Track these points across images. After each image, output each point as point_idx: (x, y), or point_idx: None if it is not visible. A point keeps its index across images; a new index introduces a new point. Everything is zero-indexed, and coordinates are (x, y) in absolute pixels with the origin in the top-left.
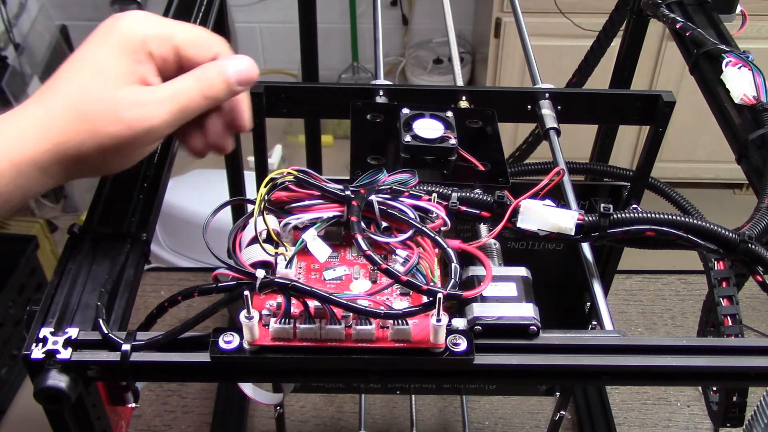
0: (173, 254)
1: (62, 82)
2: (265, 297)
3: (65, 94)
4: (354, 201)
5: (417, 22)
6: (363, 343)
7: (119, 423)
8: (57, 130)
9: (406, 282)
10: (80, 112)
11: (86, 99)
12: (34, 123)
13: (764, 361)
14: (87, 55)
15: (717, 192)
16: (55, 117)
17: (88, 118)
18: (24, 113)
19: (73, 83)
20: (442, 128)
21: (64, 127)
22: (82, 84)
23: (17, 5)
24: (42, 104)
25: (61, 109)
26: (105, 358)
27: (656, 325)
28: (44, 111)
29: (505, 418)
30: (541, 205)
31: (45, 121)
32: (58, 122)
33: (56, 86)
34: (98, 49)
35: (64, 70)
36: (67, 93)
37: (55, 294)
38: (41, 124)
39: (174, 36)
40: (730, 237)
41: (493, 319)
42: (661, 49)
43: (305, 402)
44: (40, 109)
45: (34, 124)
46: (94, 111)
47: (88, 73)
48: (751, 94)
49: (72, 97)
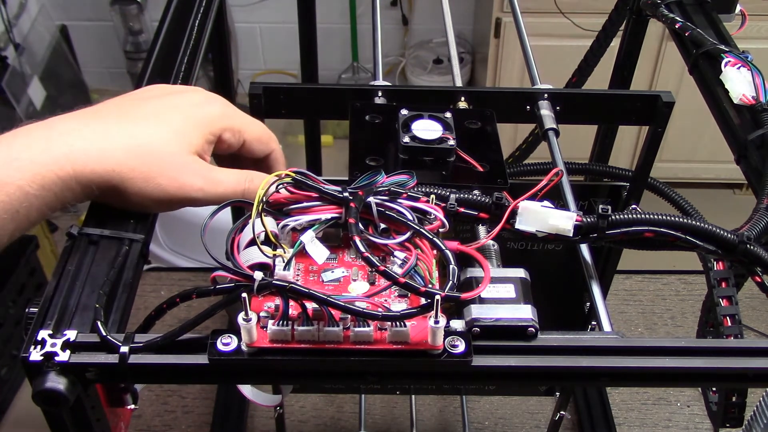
0: (173, 254)
1: (143, 123)
2: (263, 299)
3: (139, 137)
4: (352, 203)
5: (417, 22)
6: (361, 344)
7: (118, 424)
8: (113, 161)
9: (404, 284)
10: (146, 156)
11: (159, 150)
12: (93, 144)
13: (763, 362)
14: (171, 113)
15: (717, 192)
16: (117, 148)
17: (149, 164)
18: (81, 131)
19: (156, 132)
20: (440, 129)
21: (121, 161)
22: (162, 136)
23: (17, 5)
24: (106, 131)
25: (126, 144)
26: (103, 360)
27: (656, 325)
28: (104, 138)
29: (505, 418)
30: (540, 206)
31: (104, 151)
32: (118, 155)
33: (126, 120)
34: (184, 113)
35: (141, 105)
36: (141, 136)
37: (54, 296)
38: (100, 147)
39: (244, 132)
40: (728, 238)
41: (492, 321)
42: (661, 49)
43: (305, 402)
44: (100, 135)
45: (92, 145)
46: (161, 163)
47: (170, 129)
48: (750, 95)
49: (147, 143)
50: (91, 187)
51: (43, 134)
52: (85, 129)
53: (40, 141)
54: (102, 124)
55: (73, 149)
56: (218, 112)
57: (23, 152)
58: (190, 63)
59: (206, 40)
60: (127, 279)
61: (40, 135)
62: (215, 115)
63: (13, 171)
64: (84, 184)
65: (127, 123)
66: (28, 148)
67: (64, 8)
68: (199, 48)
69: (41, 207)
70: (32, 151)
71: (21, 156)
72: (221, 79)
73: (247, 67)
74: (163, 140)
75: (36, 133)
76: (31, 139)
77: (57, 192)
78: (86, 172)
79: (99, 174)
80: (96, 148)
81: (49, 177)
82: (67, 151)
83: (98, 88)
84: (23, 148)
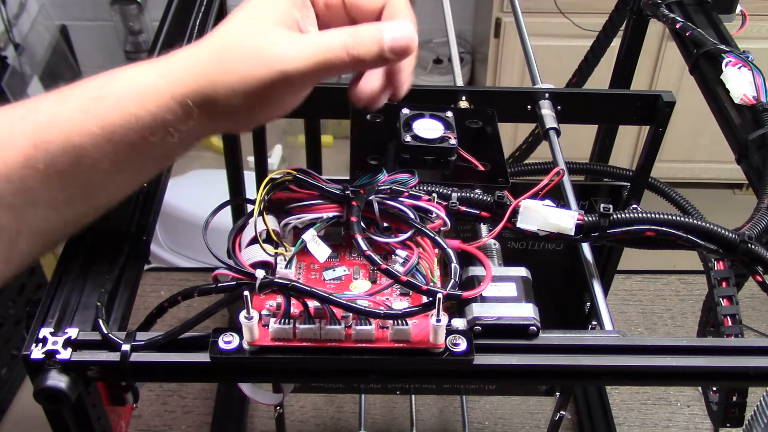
0: (173, 254)
1: (223, 22)
2: (265, 297)
3: (219, 32)
4: (354, 201)
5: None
6: (363, 343)
7: (119, 423)
8: (198, 68)
9: (405, 282)
10: (224, 48)
11: (233, 37)
12: (181, 59)
13: (764, 361)
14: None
15: (717, 192)
16: (202, 53)
17: (227, 55)
18: (180, 52)
19: (230, 22)
20: (442, 128)
21: (205, 65)
22: (236, 22)
23: (17, 5)
24: (196, 44)
25: (209, 46)
26: (105, 358)
27: (656, 325)
28: (195, 49)
29: (505, 418)
30: (541, 205)
31: (191, 57)
32: (201, 58)
33: (218, 26)
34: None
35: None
36: (220, 31)
37: (55, 294)
38: (186, 60)
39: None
40: (729, 237)
41: (493, 320)
42: (661, 49)
43: (305, 402)
44: (192, 48)
45: (180, 60)
46: (237, 49)
47: (246, 12)
48: (750, 95)
49: (223, 36)
50: (187, 103)
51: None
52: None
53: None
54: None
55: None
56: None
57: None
58: None
59: None
60: (128, 277)
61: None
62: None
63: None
64: (179, 100)
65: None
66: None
67: (64, 8)
68: None
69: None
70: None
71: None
72: None
73: None
74: (236, 26)
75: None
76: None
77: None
78: (177, 85)
79: (187, 84)
80: (184, 59)
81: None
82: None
83: None
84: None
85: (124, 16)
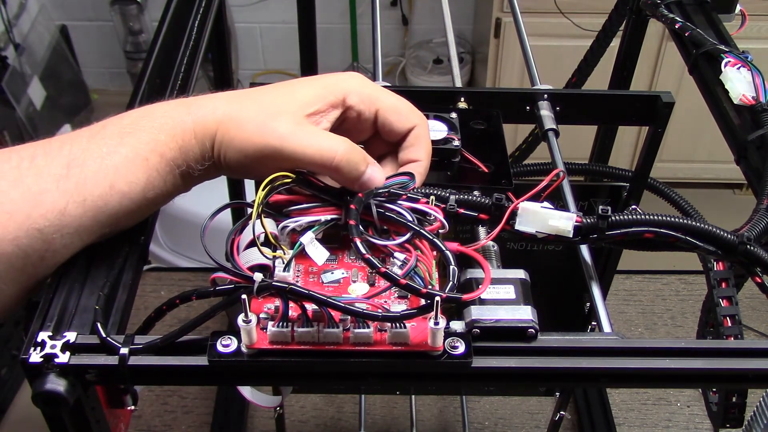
0: (173, 254)
1: (263, 88)
2: (263, 300)
3: (253, 94)
4: (352, 204)
5: (417, 22)
6: (361, 346)
7: (118, 425)
8: (220, 113)
9: (404, 285)
10: (247, 107)
11: (259, 104)
12: (217, 104)
13: (763, 362)
14: (294, 82)
15: (717, 192)
16: (227, 104)
17: (245, 113)
18: (215, 98)
19: (267, 92)
20: (446, 129)
21: (226, 113)
22: (268, 91)
23: (17, 5)
24: (238, 98)
25: (237, 104)
26: (103, 361)
27: (656, 325)
28: (229, 99)
29: (505, 418)
30: (539, 207)
31: (220, 107)
32: (226, 108)
33: (258, 89)
34: (307, 80)
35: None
36: (253, 95)
37: (53, 297)
38: (220, 106)
39: (376, 99)
40: (728, 239)
41: (492, 322)
42: (661, 49)
43: (305, 402)
44: (232, 99)
45: (215, 104)
46: (255, 112)
47: (280, 87)
48: (750, 95)
49: (252, 97)
50: (204, 143)
51: (182, 101)
52: (219, 97)
53: (179, 104)
54: (238, 95)
55: (200, 106)
56: (346, 76)
57: (159, 108)
58: (190, 63)
59: (206, 40)
60: (126, 280)
61: (180, 102)
62: (342, 77)
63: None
64: (199, 138)
65: (243, 93)
66: (165, 105)
67: (64, 8)
68: (199, 48)
69: (174, 157)
70: (167, 106)
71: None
72: (221, 79)
73: (247, 67)
74: (270, 98)
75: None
76: (171, 104)
77: (181, 144)
78: (200, 124)
79: (207, 126)
80: (217, 106)
81: (174, 126)
82: (197, 112)
83: (98, 88)
84: (161, 105)
85: (124, 16)
